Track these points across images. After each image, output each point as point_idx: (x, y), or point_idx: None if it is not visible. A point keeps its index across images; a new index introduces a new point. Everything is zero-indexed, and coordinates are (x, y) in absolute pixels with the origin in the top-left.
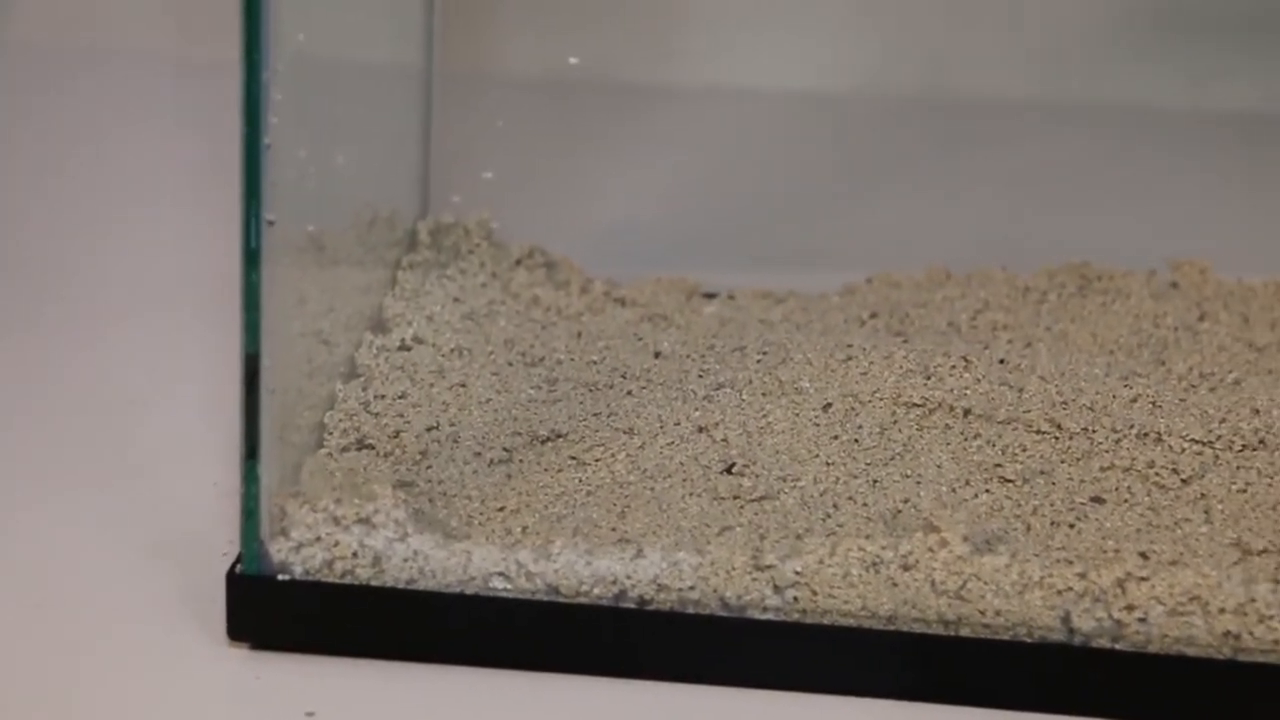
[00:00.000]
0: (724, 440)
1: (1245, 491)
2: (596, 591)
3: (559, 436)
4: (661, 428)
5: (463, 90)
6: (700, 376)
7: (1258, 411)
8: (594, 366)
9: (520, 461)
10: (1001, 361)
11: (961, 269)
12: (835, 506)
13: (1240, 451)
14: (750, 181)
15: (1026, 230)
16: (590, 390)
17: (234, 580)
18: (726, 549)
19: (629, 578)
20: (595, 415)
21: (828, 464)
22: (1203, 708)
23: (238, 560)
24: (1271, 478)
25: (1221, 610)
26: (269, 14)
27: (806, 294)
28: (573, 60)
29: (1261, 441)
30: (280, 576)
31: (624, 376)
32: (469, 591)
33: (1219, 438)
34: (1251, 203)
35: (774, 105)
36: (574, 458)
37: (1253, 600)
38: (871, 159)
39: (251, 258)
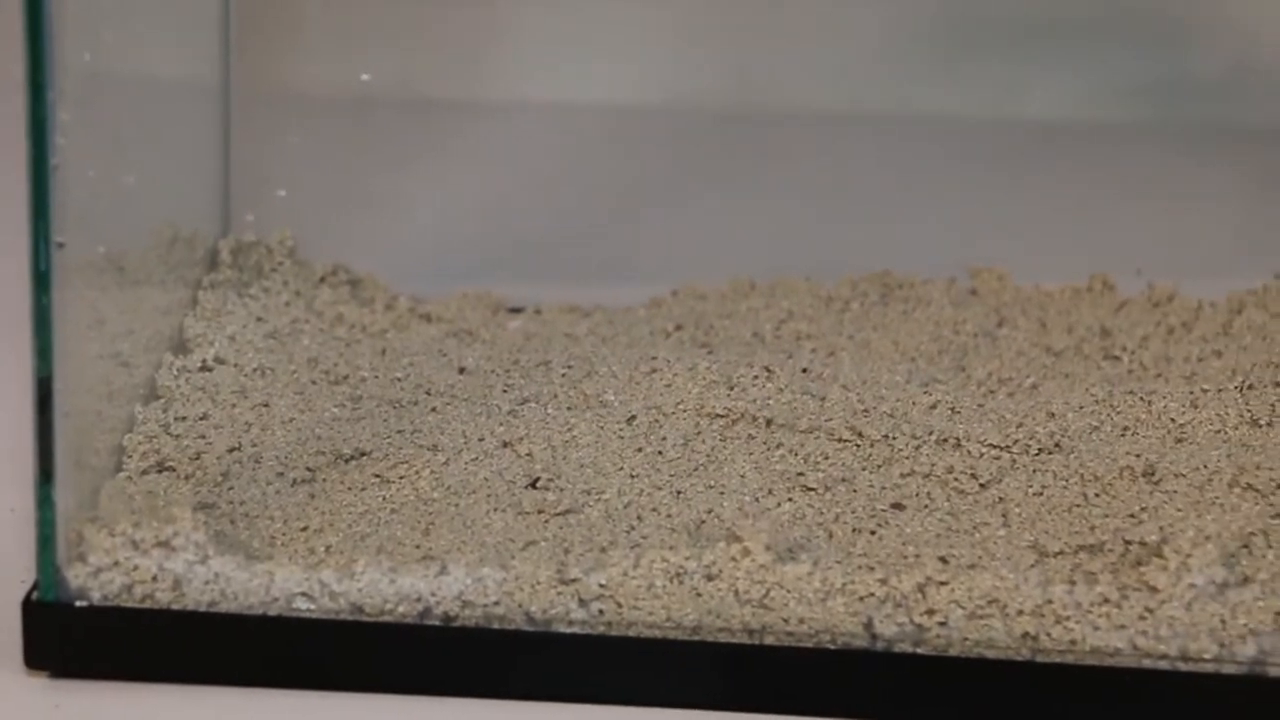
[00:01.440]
0: (528, 455)
1: (1041, 495)
2: (401, 610)
3: (363, 455)
4: (466, 443)
5: (262, 108)
6: (505, 391)
7: (1053, 415)
8: (398, 383)
9: (323, 481)
10: (804, 371)
11: (765, 279)
12: (639, 519)
13: (1036, 455)
14: (556, 196)
15: (829, 240)
16: (394, 407)
17: (30, 607)
18: (531, 563)
19: (433, 595)
20: (399, 432)
21: (632, 476)
22: (1003, 709)
23: (34, 587)
24: (1067, 480)
25: (1020, 612)
26: (52, 34)
27: (613, 307)
28: (365, 77)
29: (1057, 445)
30: (78, 603)
31: (428, 393)
32: (272, 613)
33: (1016, 442)
34: (1047, 210)
35: (578, 119)
36: (378, 475)
37: (1049, 601)
38: (676, 172)
39: (41, 280)
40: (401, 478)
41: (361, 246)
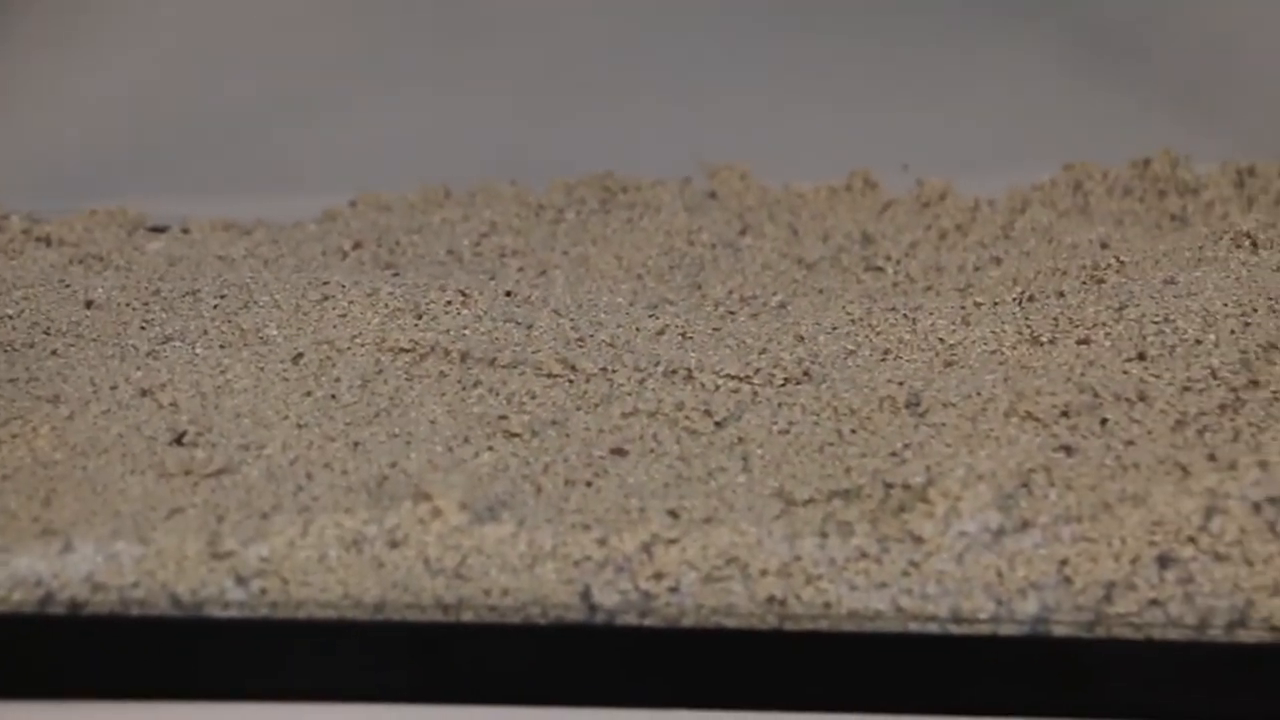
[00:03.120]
0: (173, 405)
1: (788, 433)
2: (17, 597)
3: None
4: (95, 393)
5: None
6: (143, 329)
7: (802, 339)
8: (9, 322)
9: None
10: (508, 294)
11: (463, 186)
12: (309, 477)
13: (782, 386)
14: (205, 89)
15: (539, 138)
16: (5, 351)
17: None
18: (176, 535)
19: (56, 577)
20: (11, 382)
21: (299, 426)
22: (746, 687)
23: None
24: (818, 415)
25: (763, 572)
26: None
27: (277, 223)
28: None
29: (806, 373)
30: None
31: (47, 333)
32: None
33: (758, 371)
34: (797, 96)
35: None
36: None
37: (798, 558)
38: (356, 58)
39: None
40: (15, 436)
41: None
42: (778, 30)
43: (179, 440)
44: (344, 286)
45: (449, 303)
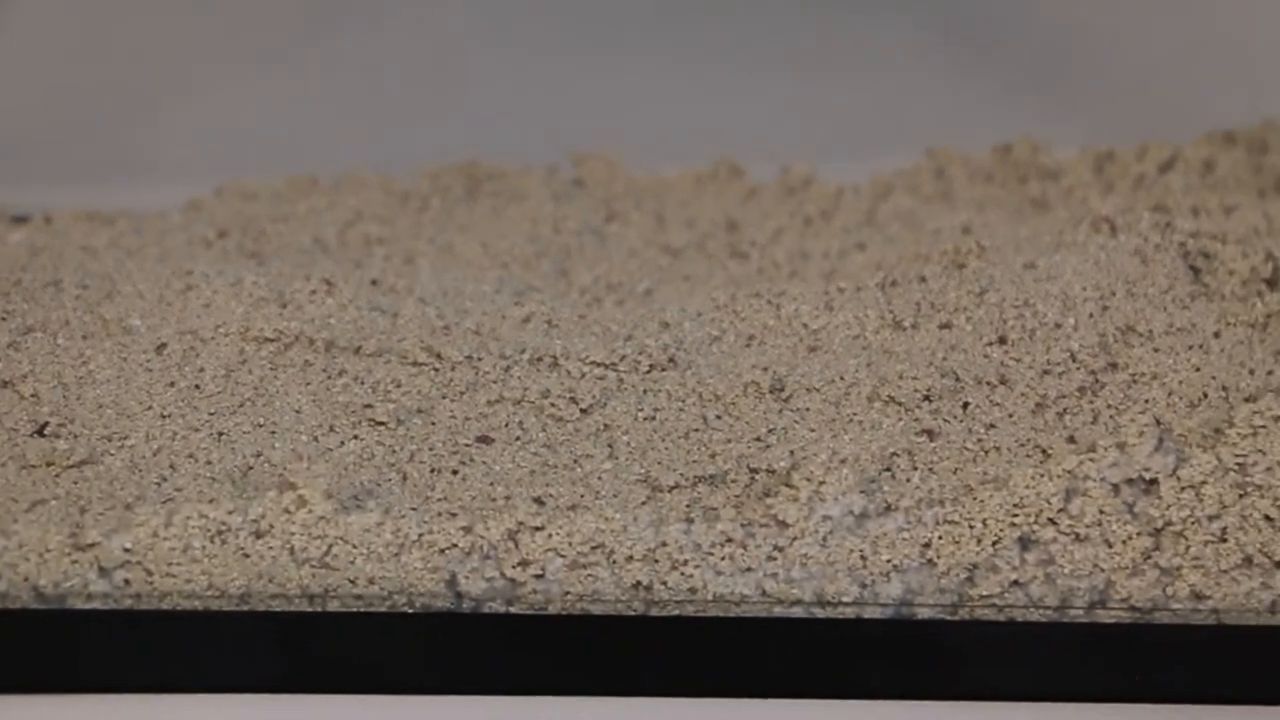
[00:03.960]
0: (34, 396)
1: (654, 419)
2: None
3: None
4: None
5: None
6: (4, 319)
7: (667, 325)
8: None
9: None
10: (374, 283)
11: (329, 174)
12: (172, 467)
13: (648, 373)
14: (68, 74)
15: (404, 125)
16: None
17: None
18: (38, 527)
19: None
20: None
21: (163, 416)
22: (613, 673)
23: None
24: (683, 401)
25: (629, 558)
26: None
27: (141, 213)
28: None
29: (671, 360)
30: None
31: None
32: None
33: (623, 358)
34: (663, 84)
35: None
36: None
37: (663, 544)
38: (219, 44)
39: None
40: None
41: None
42: (642, 18)
43: (40, 431)
44: (208, 276)
45: (314, 292)
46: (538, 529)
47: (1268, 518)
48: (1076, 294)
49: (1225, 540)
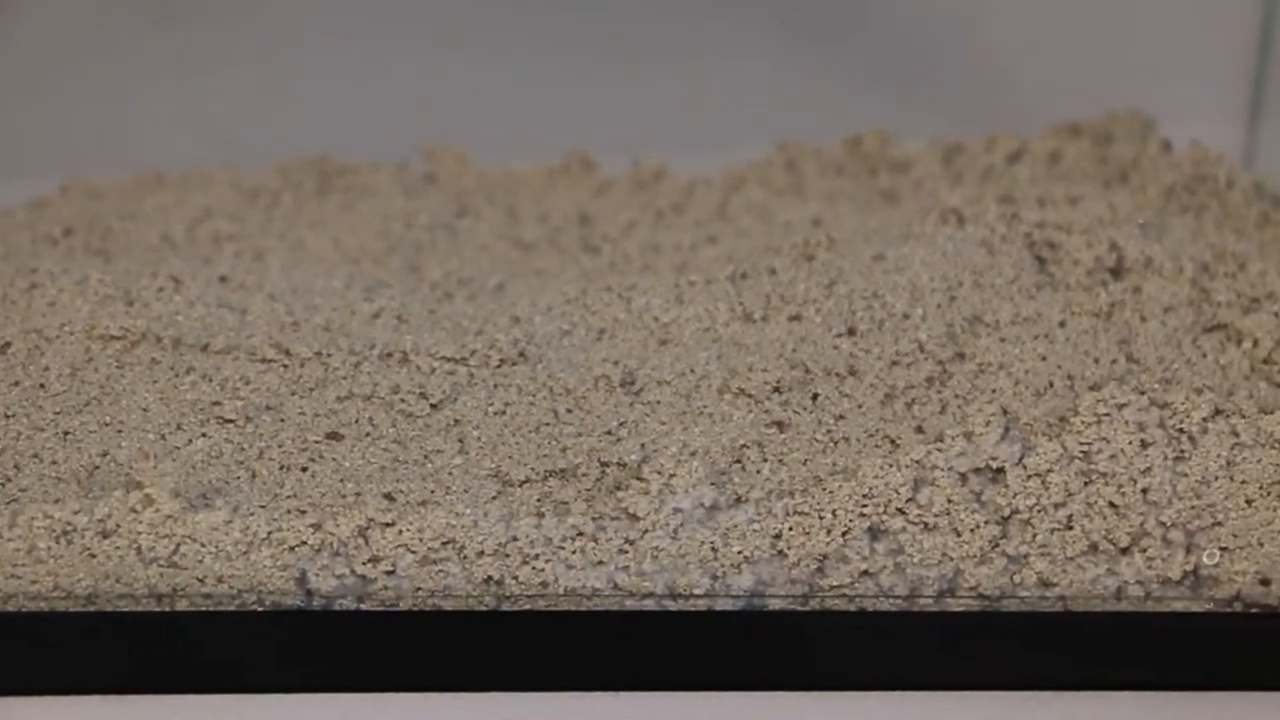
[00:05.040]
0: None
1: (504, 414)
2: None
3: None
4: None
5: None
6: None
7: (518, 319)
8: None
9: None
10: (222, 279)
11: (176, 170)
12: (17, 468)
13: (498, 367)
14: None
15: (255, 121)
16: None
17: None
18: None
19: None
20: None
21: (6, 416)
22: (465, 668)
23: None
24: (534, 395)
25: (480, 553)
26: None
27: None
28: None
29: (522, 354)
30: None
31: None
32: None
33: (474, 353)
34: (513, 77)
35: None
36: None
37: (514, 539)
38: (63, 39)
39: None
40: None
41: None
42: (493, 11)
43: None
44: (53, 274)
45: (161, 289)
46: (388, 525)
47: (1112, 505)
48: (924, 285)
49: (1071, 528)
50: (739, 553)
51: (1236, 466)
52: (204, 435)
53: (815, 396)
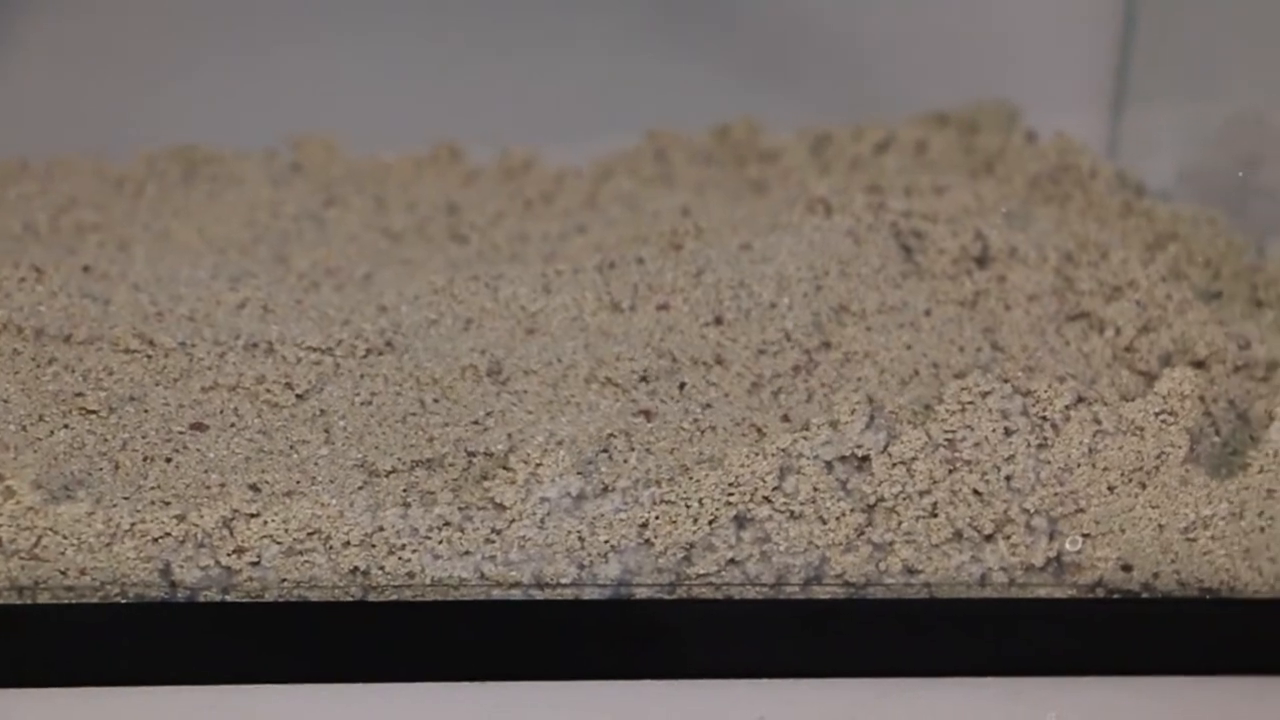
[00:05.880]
0: None
1: (370, 404)
2: None
3: None
4: None
5: None
6: None
7: (385, 309)
8: None
9: None
10: (86, 269)
11: (39, 159)
12: None
13: (364, 357)
14: None
15: (118, 109)
16: None
17: None
18: None
19: None
20: None
21: None
22: (334, 658)
23: None
24: (400, 385)
25: (346, 544)
26: None
27: None
28: None
29: (388, 344)
30: None
31: None
32: None
33: (340, 343)
34: (380, 66)
35: None
36: None
37: (381, 529)
38: None
39: None
40: None
41: None
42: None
43: None
44: None
45: (23, 279)
46: (253, 516)
47: (976, 492)
48: (791, 274)
49: (936, 515)
50: (606, 542)
51: (1098, 453)
52: (66, 426)
53: (682, 386)
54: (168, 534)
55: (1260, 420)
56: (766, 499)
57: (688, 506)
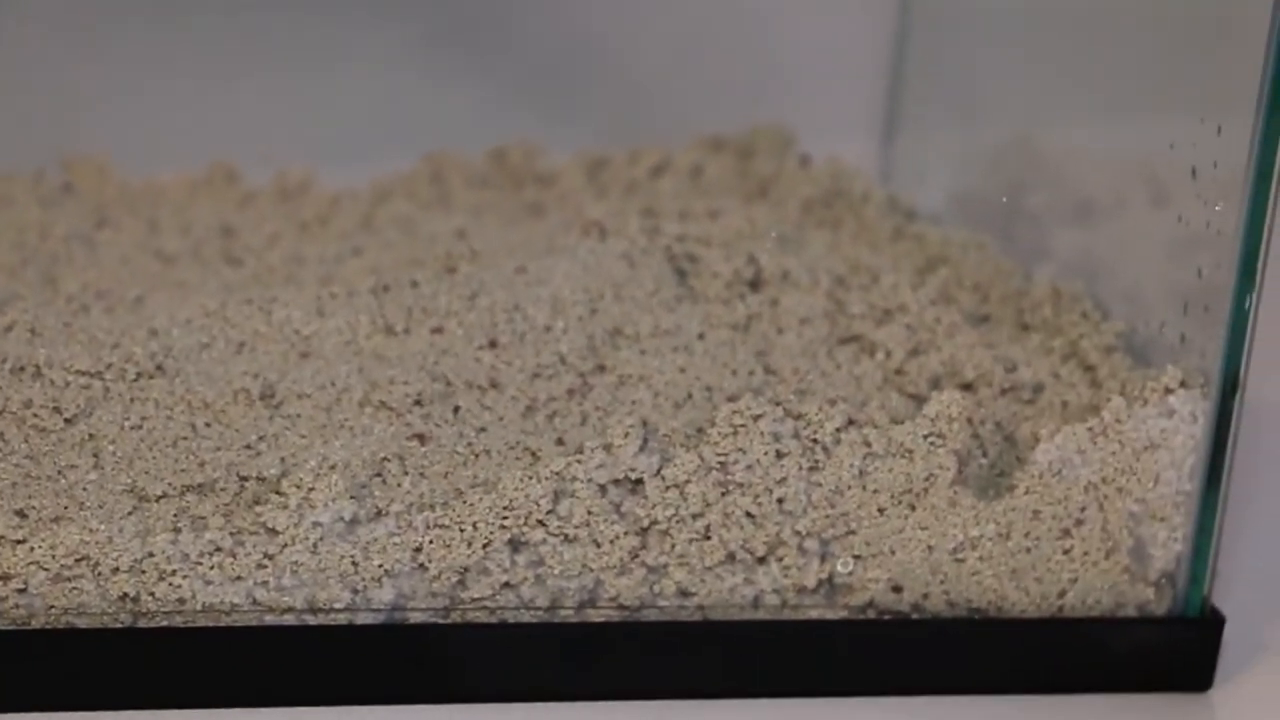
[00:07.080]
0: None
1: (141, 428)
2: None
3: None
4: None
5: None
6: None
7: (156, 333)
8: None
9: None
10: None
11: None
12: None
13: (135, 381)
14: None
15: None
16: None
17: None
18: None
19: None
20: None
21: None
22: (101, 686)
23: None
24: (171, 409)
25: (115, 570)
26: None
27: None
28: None
29: (159, 368)
30: None
31: None
32: None
33: (110, 366)
34: (155, 85)
35: None
36: None
37: (150, 555)
38: None
39: None
40: None
41: None
42: (136, 16)
43: None
44: None
45: None
46: (19, 542)
47: (749, 514)
48: (566, 297)
49: (709, 538)
50: (379, 566)
51: (869, 476)
52: None
53: (457, 409)
54: None
55: (1026, 442)
56: (541, 522)
57: (462, 530)
